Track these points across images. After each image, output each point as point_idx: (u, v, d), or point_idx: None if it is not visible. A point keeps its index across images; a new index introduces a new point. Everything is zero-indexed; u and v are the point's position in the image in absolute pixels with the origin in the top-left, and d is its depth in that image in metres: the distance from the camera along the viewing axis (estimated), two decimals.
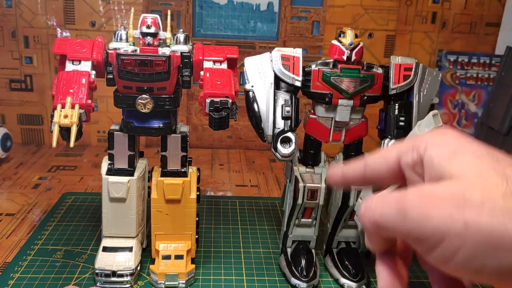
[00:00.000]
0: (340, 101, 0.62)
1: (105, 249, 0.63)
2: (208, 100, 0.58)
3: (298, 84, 0.62)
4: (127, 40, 0.61)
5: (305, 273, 0.64)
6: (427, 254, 0.27)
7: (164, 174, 0.64)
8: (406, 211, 0.26)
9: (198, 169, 0.67)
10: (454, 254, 0.25)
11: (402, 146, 0.31)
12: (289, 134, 0.60)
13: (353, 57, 0.60)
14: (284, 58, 0.63)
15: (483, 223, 0.24)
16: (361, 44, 0.61)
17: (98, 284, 0.62)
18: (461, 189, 0.25)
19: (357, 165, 0.34)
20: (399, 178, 0.32)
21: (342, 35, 0.61)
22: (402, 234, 0.27)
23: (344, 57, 0.60)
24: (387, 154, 0.32)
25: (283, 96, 0.62)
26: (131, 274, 0.62)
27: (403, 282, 0.32)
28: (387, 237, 0.30)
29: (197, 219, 0.66)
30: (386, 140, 0.63)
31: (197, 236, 0.67)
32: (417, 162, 0.30)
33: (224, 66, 0.63)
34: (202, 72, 0.62)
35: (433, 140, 0.30)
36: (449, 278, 0.31)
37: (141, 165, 0.66)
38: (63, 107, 0.55)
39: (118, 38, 0.61)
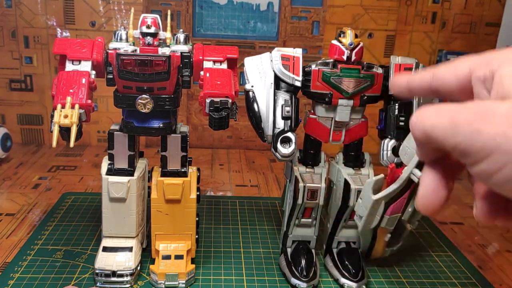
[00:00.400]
0: (340, 101, 0.62)
1: (105, 249, 0.63)
2: (208, 100, 0.58)
3: (298, 84, 0.62)
4: (127, 40, 0.61)
5: (305, 273, 0.64)
6: (471, 166, 0.27)
7: (164, 174, 0.64)
8: (458, 124, 0.26)
9: (198, 169, 0.67)
10: (498, 171, 0.25)
11: (476, 60, 0.31)
12: (289, 134, 0.60)
13: (353, 57, 0.60)
14: (284, 58, 0.63)
15: None
16: (361, 44, 0.61)
17: (98, 284, 0.62)
18: None
19: (425, 74, 0.33)
20: (466, 93, 0.31)
21: (342, 35, 0.61)
22: (451, 146, 0.27)
23: (344, 57, 0.60)
24: (459, 65, 0.32)
25: (283, 96, 0.62)
26: (131, 274, 0.62)
27: (446, 192, 0.32)
28: (437, 147, 0.30)
29: (197, 219, 0.66)
30: (386, 140, 0.63)
31: (197, 236, 0.67)
32: (488, 78, 0.29)
33: (224, 66, 0.63)
34: (202, 72, 0.62)
35: (508, 58, 0.29)
36: (491, 192, 0.31)
37: (141, 165, 0.66)
38: (63, 107, 0.55)
39: (118, 38, 0.61)
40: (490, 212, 0.30)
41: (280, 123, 0.61)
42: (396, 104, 0.63)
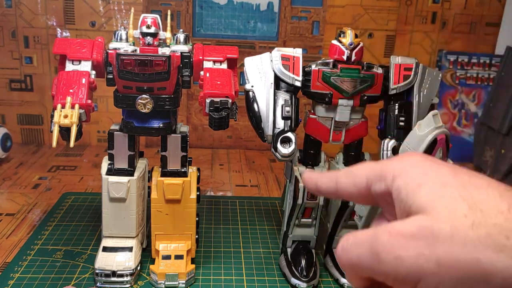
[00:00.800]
0: (340, 101, 0.62)
1: (105, 249, 0.63)
2: (208, 100, 0.58)
3: (298, 84, 0.62)
4: (127, 40, 0.61)
5: (305, 273, 0.64)
6: None
7: (164, 174, 0.64)
8: (379, 253, 0.26)
9: (198, 169, 0.67)
10: None
11: (370, 172, 0.30)
12: (289, 134, 0.60)
13: (353, 57, 0.60)
14: (284, 58, 0.63)
15: (455, 259, 0.23)
16: (361, 44, 0.61)
17: (98, 284, 0.62)
18: (429, 224, 0.25)
19: (331, 179, 0.33)
20: (370, 199, 0.31)
21: (342, 35, 0.61)
22: (381, 275, 0.26)
23: (344, 57, 0.60)
24: (356, 178, 0.31)
25: (283, 96, 0.62)
26: (131, 274, 0.62)
27: None
28: (368, 277, 0.29)
29: (197, 219, 0.66)
30: (386, 140, 0.63)
31: (197, 236, 0.67)
32: (386, 193, 0.29)
33: (224, 66, 0.63)
34: (202, 72, 0.62)
35: (399, 169, 0.28)
36: None
37: (141, 165, 0.66)
38: (63, 107, 0.55)
39: (118, 38, 0.61)
40: None
41: (280, 123, 0.61)
42: (396, 104, 0.63)
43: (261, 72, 0.63)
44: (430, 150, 0.53)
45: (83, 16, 1.11)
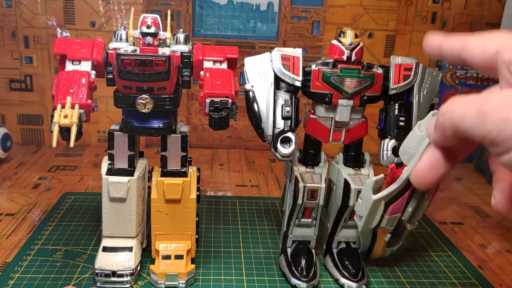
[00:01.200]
0: (340, 101, 0.62)
1: (105, 249, 0.63)
2: (208, 100, 0.58)
3: (298, 84, 0.62)
4: (127, 40, 0.61)
5: (305, 273, 0.64)
6: (500, 156, 0.26)
7: (164, 174, 0.64)
8: (486, 113, 0.26)
9: (198, 169, 0.67)
10: None
11: (505, 40, 0.31)
12: (289, 134, 0.60)
13: (353, 57, 0.60)
14: (284, 58, 0.63)
15: None
16: (361, 44, 0.61)
17: (98, 284, 0.62)
18: None
19: (457, 42, 0.34)
20: (492, 70, 0.31)
21: (342, 35, 0.61)
22: (480, 136, 0.27)
23: (344, 57, 0.60)
24: (487, 44, 0.32)
25: (283, 96, 0.62)
26: (131, 274, 0.62)
27: (443, 172, 0.32)
28: (460, 137, 0.30)
29: (197, 219, 0.66)
30: (386, 140, 0.63)
31: (197, 236, 0.67)
32: None
33: (224, 66, 0.63)
34: (202, 72, 0.62)
35: None
36: None
37: (141, 165, 0.66)
38: (63, 107, 0.55)
39: (118, 38, 0.61)
40: (510, 201, 0.30)
41: (280, 123, 0.61)
42: (396, 104, 0.63)
43: (261, 72, 0.63)
44: None
45: (83, 16, 1.11)
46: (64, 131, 0.55)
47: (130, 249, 0.64)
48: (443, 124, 0.30)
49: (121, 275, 0.62)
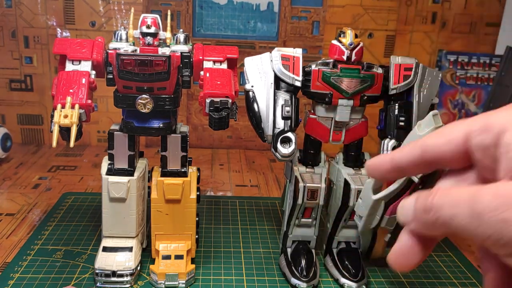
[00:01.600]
0: (340, 101, 0.62)
1: (105, 249, 0.63)
2: (208, 100, 0.58)
3: (298, 84, 0.62)
4: (127, 40, 0.61)
5: (305, 273, 0.64)
6: (506, 257, 0.24)
7: (164, 174, 0.64)
8: (481, 215, 0.24)
9: (198, 169, 0.67)
10: None
11: (471, 124, 0.28)
12: (289, 134, 0.60)
13: (353, 57, 0.60)
14: (284, 58, 0.63)
15: None
16: (361, 44, 0.61)
17: (98, 284, 0.62)
18: None
19: (412, 149, 0.31)
20: (464, 161, 0.29)
21: (342, 35, 0.61)
22: (479, 240, 0.24)
23: (344, 57, 0.60)
24: (451, 134, 0.29)
25: (283, 96, 0.62)
26: (131, 274, 0.62)
27: (421, 256, 0.30)
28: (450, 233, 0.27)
29: (197, 219, 0.66)
30: (386, 140, 0.63)
31: (197, 236, 0.67)
32: (490, 146, 0.26)
33: (224, 66, 0.63)
34: (202, 72, 0.62)
35: (509, 122, 0.26)
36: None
37: (141, 165, 0.66)
38: (63, 107, 0.55)
39: (118, 38, 0.61)
40: None
41: (280, 123, 0.61)
42: (396, 104, 0.63)
43: (261, 72, 0.63)
44: None
45: (83, 16, 1.11)
46: (64, 131, 0.55)
47: (130, 249, 0.64)
48: (429, 220, 0.27)
49: (121, 275, 0.62)
